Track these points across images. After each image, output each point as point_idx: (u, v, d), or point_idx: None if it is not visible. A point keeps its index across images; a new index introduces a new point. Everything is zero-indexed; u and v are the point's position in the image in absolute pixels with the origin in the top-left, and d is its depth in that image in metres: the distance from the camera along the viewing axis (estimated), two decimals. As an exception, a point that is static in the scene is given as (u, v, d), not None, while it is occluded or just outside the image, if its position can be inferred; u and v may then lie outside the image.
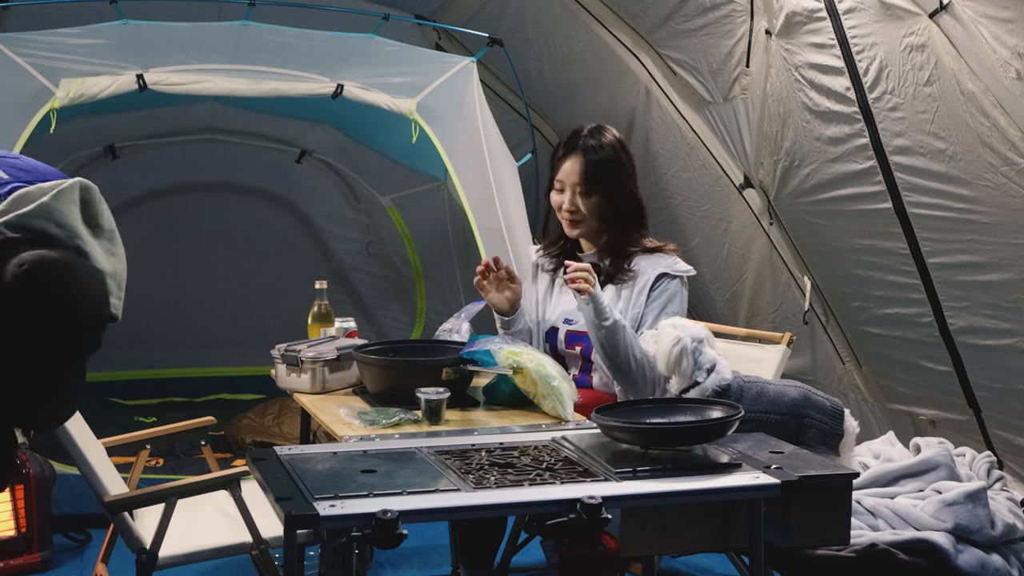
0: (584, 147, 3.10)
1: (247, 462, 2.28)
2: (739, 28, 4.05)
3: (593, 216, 3.11)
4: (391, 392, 2.82)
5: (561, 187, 3.13)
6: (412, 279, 6.29)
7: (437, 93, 4.27)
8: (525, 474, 2.15)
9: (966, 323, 3.53)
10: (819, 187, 3.87)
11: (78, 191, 2.02)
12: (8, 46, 3.81)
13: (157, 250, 6.17)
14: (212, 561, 3.19)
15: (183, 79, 4.01)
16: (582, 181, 3.09)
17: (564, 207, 3.11)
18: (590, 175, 3.08)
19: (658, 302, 3.06)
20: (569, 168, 3.11)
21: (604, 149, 3.10)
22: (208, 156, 6.01)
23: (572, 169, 3.11)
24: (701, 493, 2.12)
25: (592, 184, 3.08)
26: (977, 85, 3.06)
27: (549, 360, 2.78)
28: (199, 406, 5.97)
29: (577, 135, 3.15)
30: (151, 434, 3.31)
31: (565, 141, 3.17)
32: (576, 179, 3.09)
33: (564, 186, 3.12)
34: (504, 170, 4.35)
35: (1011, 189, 3.11)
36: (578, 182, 3.09)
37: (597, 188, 3.09)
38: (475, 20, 5.05)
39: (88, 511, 3.91)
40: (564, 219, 3.14)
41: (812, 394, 2.86)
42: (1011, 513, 2.78)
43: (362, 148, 5.72)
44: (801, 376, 4.33)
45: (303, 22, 4.49)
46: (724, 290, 4.85)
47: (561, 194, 3.13)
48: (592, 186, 3.08)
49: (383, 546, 1.86)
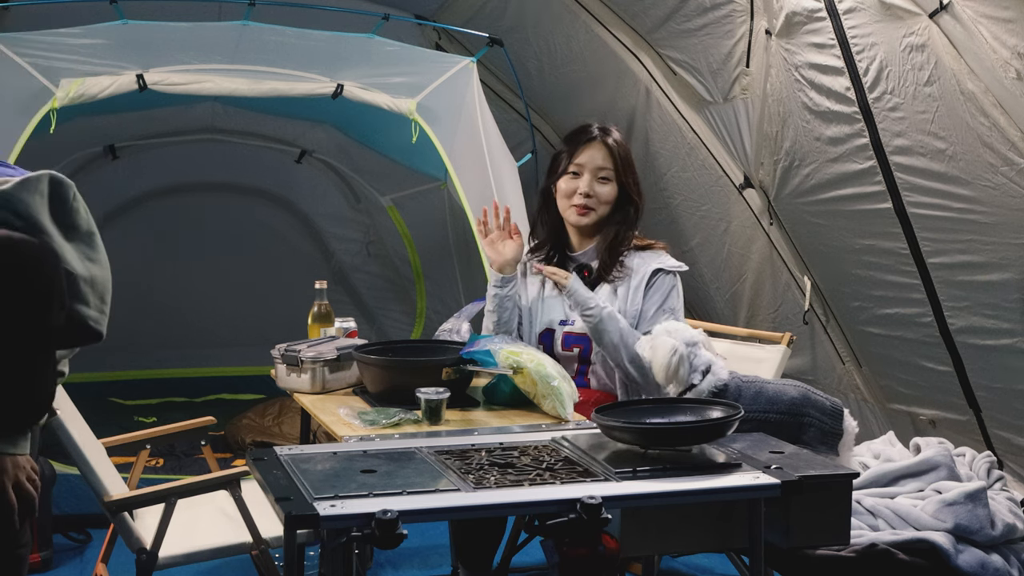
0: (603, 137, 3.16)
1: (247, 462, 2.28)
2: (739, 28, 4.05)
3: (605, 204, 3.13)
4: (391, 392, 2.82)
5: (579, 172, 3.13)
6: (412, 279, 6.29)
7: (437, 93, 4.27)
8: (525, 474, 2.15)
9: (966, 323, 3.53)
10: (819, 187, 3.87)
11: (46, 183, 1.92)
12: (8, 46, 3.81)
13: (157, 250, 6.18)
14: (212, 561, 3.19)
15: (183, 79, 4.01)
16: (608, 166, 3.13)
17: (580, 191, 3.12)
18: (615, 160, 3.13)
19: (656, 297, 3.09)
20: (592, 154, 3.14)
21: (620, 143, 3.19)
22: (208, 156, 6.00)
23: (596, 154, 3.14)
24: (701, 493, 2.12)
25: (615, 169, 3.13)
26: (977, 85, 3.06)
27: (549, 360, 2.78)
28: (199, 406, 5.96)
29: (589, 127, 3.19)
30: (151, 434, 3.31)
31: (577, 132, 3.20)
32: (600, 163, 3.13)
33: (583, 170, 3.13)
34: (504, 170, 4.35)
35: (1011, 189, 3.11)
36: (602, 166, 3.13)
37: (618, 174, 3.14)
38: (475, 20, 5.05)
39: (88, 511, 3.91)
40: (576, 205, 3.13)
41: (811, 393, 2.86)
42: (1011, 513, 2.78)
43: (362, 148, 5.72)
44: (801, 376, 4.33)
45: (303, 22, 4.49)
46: (724, 290, 4.84)
47: (576, 179, 3.13)
48: (615, 172, 3.13)
49: (383, 546, 1.86)
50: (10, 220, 1.87)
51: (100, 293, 2.00)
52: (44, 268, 1.88)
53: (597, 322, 3.00)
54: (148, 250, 6.13)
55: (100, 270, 2.01)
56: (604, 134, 3.17)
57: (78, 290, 1.95)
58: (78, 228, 1.99)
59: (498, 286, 3.16)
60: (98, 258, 2.01)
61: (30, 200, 1.89)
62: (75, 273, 1.94)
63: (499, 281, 3.16)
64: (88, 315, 1.98)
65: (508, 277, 3.15)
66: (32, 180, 1.91)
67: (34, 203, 1.90)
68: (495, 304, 3.17)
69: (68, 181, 1.98)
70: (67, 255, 1.94)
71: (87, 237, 2.00)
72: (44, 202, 1.92)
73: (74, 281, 1.94)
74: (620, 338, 2.99)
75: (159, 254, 6.18)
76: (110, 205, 5.96)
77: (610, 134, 3.18)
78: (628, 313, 3.07)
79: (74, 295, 1.95)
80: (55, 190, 1.95)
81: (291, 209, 6.40)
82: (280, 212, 6.40)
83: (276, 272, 6.28)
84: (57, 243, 1.92)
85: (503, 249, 3.15)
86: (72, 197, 1.98)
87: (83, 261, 1.98)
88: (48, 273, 1.88)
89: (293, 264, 6.25)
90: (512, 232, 3.16)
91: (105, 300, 2.01)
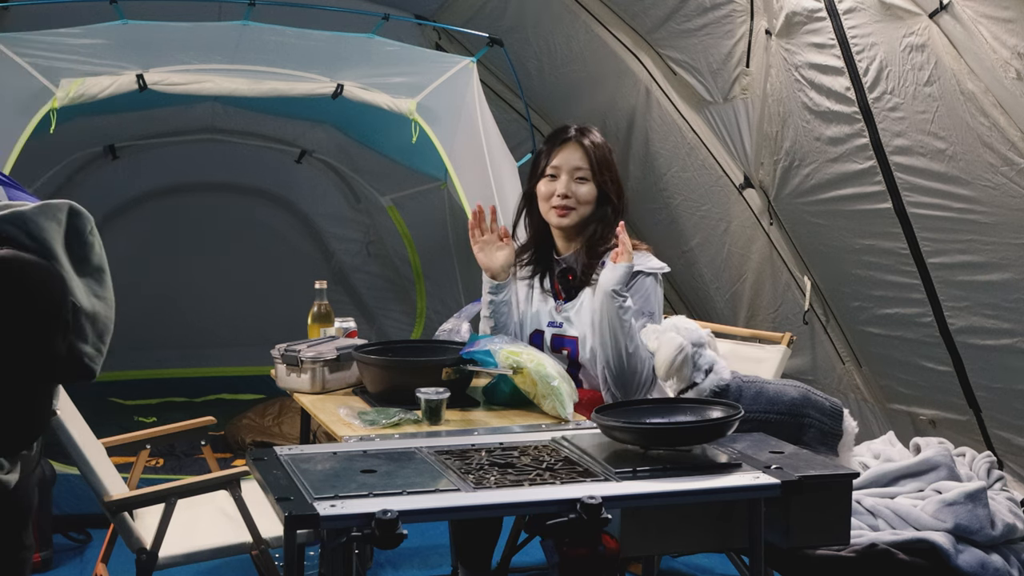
0: (579, 138, 3.13)
1: (247, 462, 2.28)
2: (739, 28, 4.05)
3: (585, 204, 3.11)
4: (391, 392, 2.82)
5: (555, 174, 3.12)
6: (412, 279, 6.29)
7: (437, 93, 4.27)
8: (525, 474, 2.15)
9: (966, 323, 3.53)
10: (819, 187, 3.87)
11: (65, 212, 1.91)
12: (8, 46, 3.81)
13: (157, 250, 6.18)
14: (212, 561, 3.19)
15: (183, 79, 4.01)
16: (584, 166, 3.10)
17: (558, 192, 3.10)
18: (591, 160, 3.11)
19: (635, 300, 3.06)
20: (567, 155, 3.12)
21: (598, 141, 3.16)
22: (208, 156, 6.01)
23: (571, 155, 3.12)
24: (701, 493, 2.12)
25: (591, 169, 3.10)
26: (977, 85, 3.06)
27: (549, 360, 2.77)
28: (199, 406, 5.97)
29: (566, 130, 3.17)
30: (151, 434, 3.31)
31: (555, 134, 3.19)
32: (576, 163, 3.10)
33: (560, 172, 3.11)
34: (504, 170, 4.35)
35: (1011, 189, 3.11)
36: (578, 166, 3.10)
37: (594, 174, 3.11)
38: (475, 20, 5.05)
39: (88, 511, 3.91)
40: (554, 207, 3.11)
41: (811, 394, 2.86)
42: (1011, 513, 2.78)
43: (362, 148, 5.72)
44: (801, 376, 4.33)
45: (303, 22, 4.49)
46: (724, 290, 4.84)
47: (554, 181, 3.12)
48: (591, 172, 3.10)
49: (383, 546, 1.86)
50: (23, 241, 1.86)
51: (100, 332, 1.98)
52: (52, 292, 1.86)
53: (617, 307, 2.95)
54: (148, 250, 6.13)
55: (104, 308, 1.99)
56: (580, 135, 3.14)
57: (79, 325, 1.93)
58: (90, 262, 1.97)
59: (492, 293, 3.14)
60: (105, 296, 1.99)
61: (46, 225, 1.88)
62: (79, 307, 1.92)
63: (493, 288, 3.14)
64: (84, 351, 1.95)
65: (502, 284, 3.14)
66: (52, 207, 1.90)
67: (50, 229, 1.89)
68: (491, 310, 3.16)
69: (87, 214, 1.96)
70: (75, 287, 1.92)
71: (97, 273, 1.98)
72: (60, 231, 1.91)
73: (77, 315, 1.92)
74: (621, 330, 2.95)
75: (159, 254, 6.18)
76: (110, 205, 5.96)
77: (587, 135, 3.15)
78: None
79: (74, 329, 1.93)
80: (72, 221, 1.93)
81: (291, 209, 6.41)
82: (280, 212, 6.40)
83: (276, 272, 6.28)
84: (67, 273, 1.90)
85: (495, 255, 3.13)
86: (89, 231, 1.96)
87: (89, 296, 1.95)
88: (55, 298, 1.87)
89: (293, 264, 6.25)
90: (502, 235, 3.15)
91: (104, 340, 1.99)
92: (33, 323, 1.84)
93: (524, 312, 3.20)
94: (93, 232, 1.97)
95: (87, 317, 1.94)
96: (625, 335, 2.92)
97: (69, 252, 1.93)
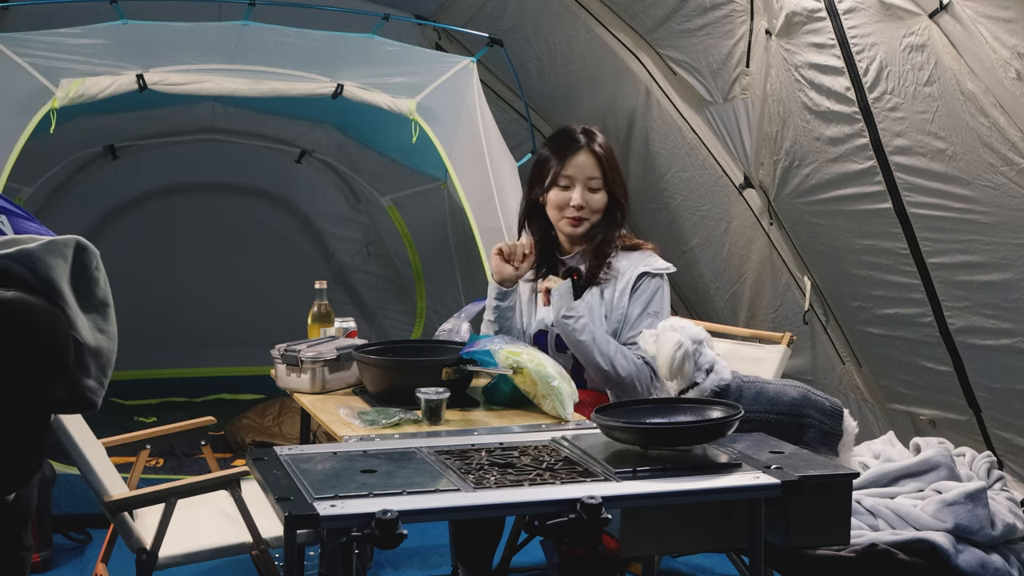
0: (590, 145, 3.11)
1: (247, 462, 2.28)
2: (739, 28, 4.05)
3: (598, 212, 3.11)
4: (391, 392, 2.82)
5: (569, 183, 3.10)
6: (412, 279, 6.29)
7: (437, 93, 4.27)
8: (525, 474, 2.15)
9: (966, 323, 3.53)
10: (819, 187, 3.87)
11: (72, 248, 1.91)
12: (8, 46, 3.81)
13: (157, 250, 6.18)
14: (212, 561, 3.19)
15: (183, 79, 4.01)
16: (598, 175, 3.09)
17: (573, 203, 3.08)
18: (603, 168, 3.10)
19: (640, 301, 3.07)
20: (582, 163, 3.09)
21: (606, 147, 3.14)
22: (208, 156, 6.01)
23: (585, 164, 3.09)
24: (701, 493, 2.12)
25: (603, 178, 3.10)
26: (977, 85, 3.06)
27: (549, 360, 2.77)
28: (199, 406, 5.97)
29: (573, 133, 3.14)
30: (151, 434, 3.31)
31: (563, 140, 3.15)
32: (589, 173, 3.09)
33: (574, 182, 3.09)
34: (504, 170, 4.35)
35: (1011, 189, 3.11)
36: (592, 176, 3.09)
37: (607, 182, 3.10)
38: (475, 20, 5.05)
39: (88, 511, 3.91)
40: (568, 217, 3.10)
41: (811, 394, 2.86)
42: (1011, 513, 2.78)
43: (362, 148, 5.72)
44: (801, 376, 4.33)
45: (303, 22, 4.49)
46: (724, 290, 4.84)
47: (567, 191, 3.10)
48: (603, 180, 3.10)
49: (383, 546, 1.86)
50: (30, 280, 1.86)
51: (103, 365, 1.99)
52: (55, 339, 1.87)
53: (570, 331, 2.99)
54: (148, 250, 6.13)
55: (108, 342, 2.00)
56: (590, 140, 3.11)
57: (82, 360, 1.94)
58: (95, 297, 1.98)
59: (499, 299, 3.15)
60: (108, 330, 2.00)
61: (53, 263, 1.88)
62: (83, 343, 1.93)
63: (499, 294, 3.14)
64: (88, 386, 1.97)
65: (507, 291, 3.14)
66: (59, 243, 1.90)
67: (56, 266, 1.89)
68: (496, 315, 3.16)
69: (93, 249, 1.97)
70: (79, 323, 1.93)
71: (101, 308, 1.99)
72: (67, 267, 1.91)
73: (80, 351, 1.93)
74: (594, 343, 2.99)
75: (159, 254, 6.18)
76: (110, 205, 5.97)
77: (595, 139, 3.12)
78: (613, 316, 3.07)
79: (78, 364, 1.94)
80: (79, 256, 1.94)
81: (291, 209, 6.41)
82: (280, 212, 6.40)
83: (276, 272, 6.28)
84: (71, 310, 1.91)
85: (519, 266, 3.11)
86: (94, 266, 1.97)
87: (93, 331, 1.97)
88: (59, 345, 1.88)
89: (293, 264, 6.26)
90: (528, 252, 3.12)
91: (106, 373, 2.00)
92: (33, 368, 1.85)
93: (528, 313, 3.20)
94: (99, 267, 1.98)
95: (91, 353, 1.96)
96: (592, 350, 2.97)
97: (75, 288, 1.94)
